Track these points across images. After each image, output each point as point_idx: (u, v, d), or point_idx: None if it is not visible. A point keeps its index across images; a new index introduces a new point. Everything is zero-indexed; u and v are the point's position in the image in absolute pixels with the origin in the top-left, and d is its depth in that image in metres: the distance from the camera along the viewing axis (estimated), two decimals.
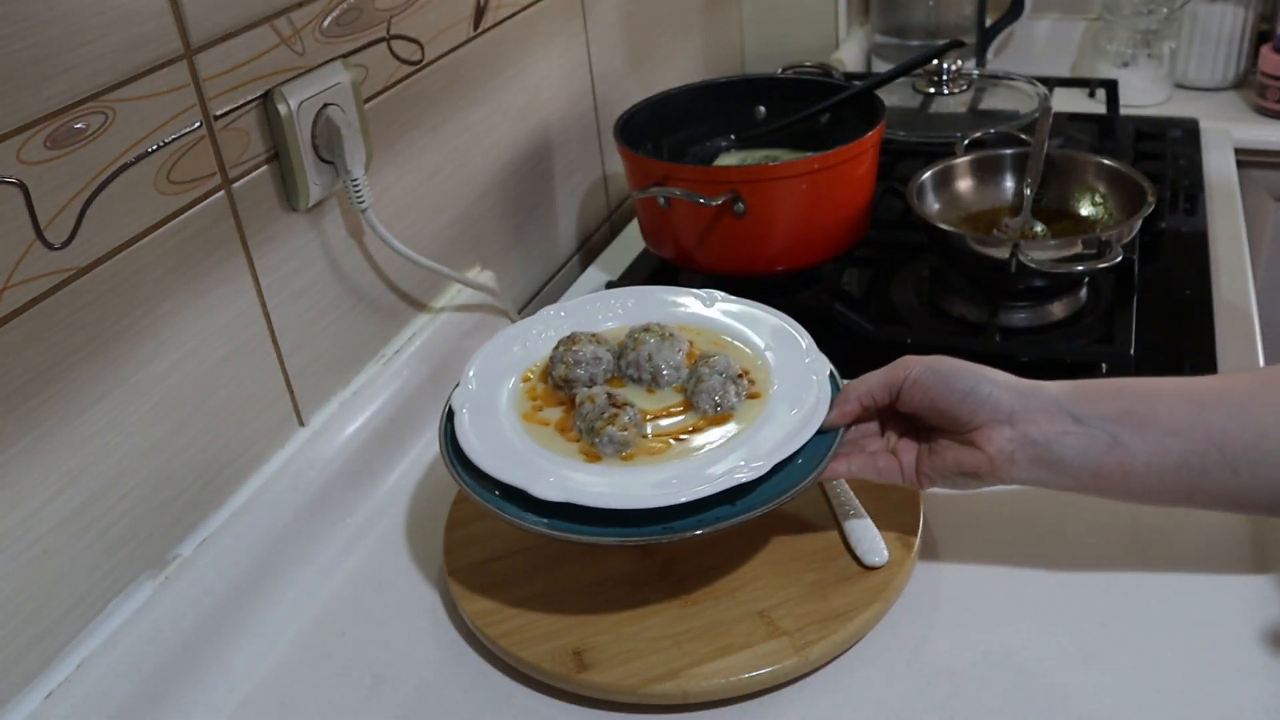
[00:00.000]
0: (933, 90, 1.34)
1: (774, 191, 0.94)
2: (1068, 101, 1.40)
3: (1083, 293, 0.96)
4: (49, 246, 0.58)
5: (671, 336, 0.73)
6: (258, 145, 0.72)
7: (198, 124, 0.66)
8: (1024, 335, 0.93)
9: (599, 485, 0.64)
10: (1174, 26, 1.45)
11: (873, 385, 0.66)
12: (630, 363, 0.73)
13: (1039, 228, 0.97)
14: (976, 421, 0.62)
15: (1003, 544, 0.71)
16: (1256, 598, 0.65)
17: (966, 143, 1.07)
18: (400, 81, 0.85)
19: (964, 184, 1.03)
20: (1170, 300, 0.97)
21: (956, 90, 1.34)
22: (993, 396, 0.62)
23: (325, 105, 0.75)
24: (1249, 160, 1.37)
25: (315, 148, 0.75)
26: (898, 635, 0.66)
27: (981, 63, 1.56)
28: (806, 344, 0.74)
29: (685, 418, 0.70)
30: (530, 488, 0.63)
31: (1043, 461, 0.62)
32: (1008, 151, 1.03)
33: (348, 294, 0.83)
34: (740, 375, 0.71)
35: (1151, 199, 0.91)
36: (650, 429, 0.69)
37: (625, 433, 0.66)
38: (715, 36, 1.50)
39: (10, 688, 0.59)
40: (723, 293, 0.81)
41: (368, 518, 0.80)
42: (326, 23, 0.76)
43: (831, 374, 0.71)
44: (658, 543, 0.62)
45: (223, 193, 0.69)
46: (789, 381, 0.71)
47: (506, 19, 0.99)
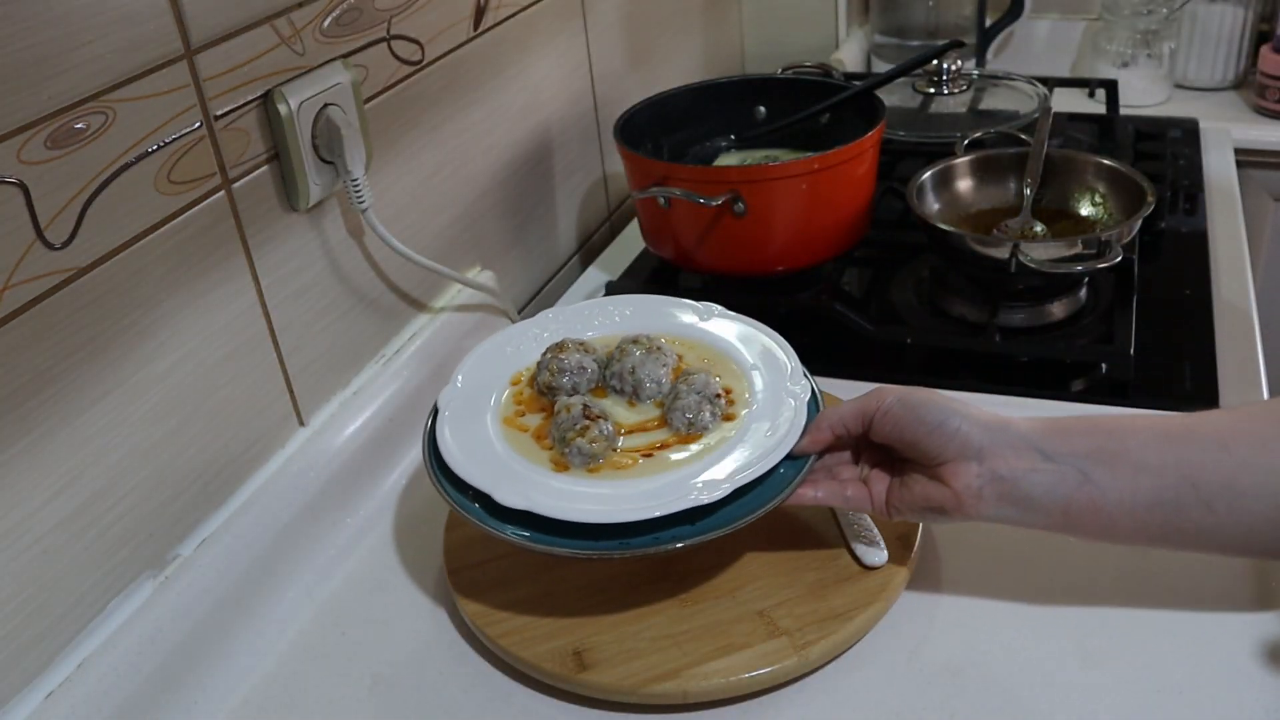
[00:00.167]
0: (933, 90, 1.34)
1: (774, 191, 0.94)
2: (1067, 101, 1.40)
3: (1082, 293, 0.96)
4: (49, 246, 0.58)
5: (659, 350, 0.73)
6: (258, 145, 0.72)
7: (198, 124, 0.67)
8: (1024, 335, 0.93)
9: (559, 496, 0.64)
10: (1174, 26, 1.45)
11: (846, 414, 0.66)
12: (614, 374, 0.73)
13: (1039, 228, 0.97)
14: (945, 456, 0.61)
15: (1003, 544, 0.71)
16: (1256, 599, 0.66)
17: (966, 143, 1.07)
18: (400, 81, 0.85)
19: (964, 184, 1.03)
20: (1170, 300, 0.97)
21: (956, 90, 1.33)
22: (961, 431, 0.61)
23: (325, 105, 0.75)
24: (1249, 160, 1.36)
25: (315, 148, 0.75)
26: (898, 635, 0.66)
27: (981, 63, 1.56)
28: (792, 367, 0.73)
29: (657, 434, 0.69)
30: (494, 492, 0.64)
31: (1010, 498, 0.61)
32: (1008, 151, 1.03)
33: (348, 294, 0.83)
34: (720, 395, 0.70)
35: (1151, 199, 0.91)
36: (621, 443, 0.69)
37: (594, 445, 0.66)
38: (715, 36, 1.50)
39: (10, 687, 0.59)
40: (720, 306, 0.80)
41: (368, 518, 0.80)
42: (327, 23, 0.76)
43: (814, 398, 0.70)
44: (611, 558, 0.63)
45: (223, 193, 0.69)
46: (768, 404, 0.70)
47: (506, 19, 0.99)
